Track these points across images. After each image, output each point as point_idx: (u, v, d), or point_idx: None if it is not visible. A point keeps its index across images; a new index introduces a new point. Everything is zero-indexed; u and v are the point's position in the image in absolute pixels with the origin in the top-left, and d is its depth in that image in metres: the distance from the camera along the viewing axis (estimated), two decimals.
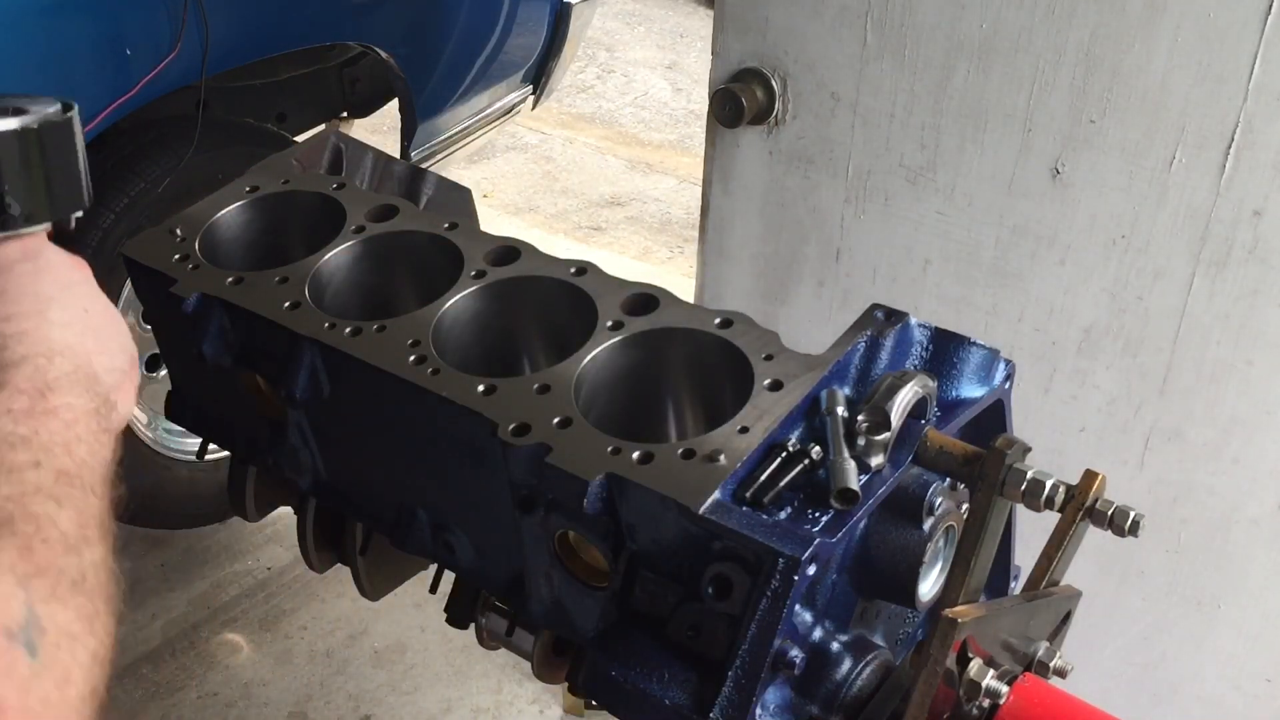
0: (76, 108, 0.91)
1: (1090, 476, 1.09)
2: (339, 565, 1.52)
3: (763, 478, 1.00)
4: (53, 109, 0.89)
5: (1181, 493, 1.75)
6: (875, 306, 1.16)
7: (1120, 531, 1.09)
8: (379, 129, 4.11)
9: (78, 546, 0.72)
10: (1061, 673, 1.15)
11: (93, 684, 0.68)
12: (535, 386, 1.12)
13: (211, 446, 1.58)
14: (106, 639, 0.70)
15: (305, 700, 2.68)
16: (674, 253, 4.71)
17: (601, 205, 5.03)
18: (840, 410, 1.04)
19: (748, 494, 0.99)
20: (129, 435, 2.63)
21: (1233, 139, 1.50)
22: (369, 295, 1.37)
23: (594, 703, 1.15)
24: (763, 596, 0.95)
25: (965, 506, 1.12)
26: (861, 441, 1.03)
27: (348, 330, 1.20)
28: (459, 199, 1.55)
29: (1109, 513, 1.08)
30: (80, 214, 0.92)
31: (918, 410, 1.07)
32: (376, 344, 1.18)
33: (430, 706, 2.68)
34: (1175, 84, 1.51)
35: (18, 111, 0.87)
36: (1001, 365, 1.21)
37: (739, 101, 1.81)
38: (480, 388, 1.12)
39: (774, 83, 1.82)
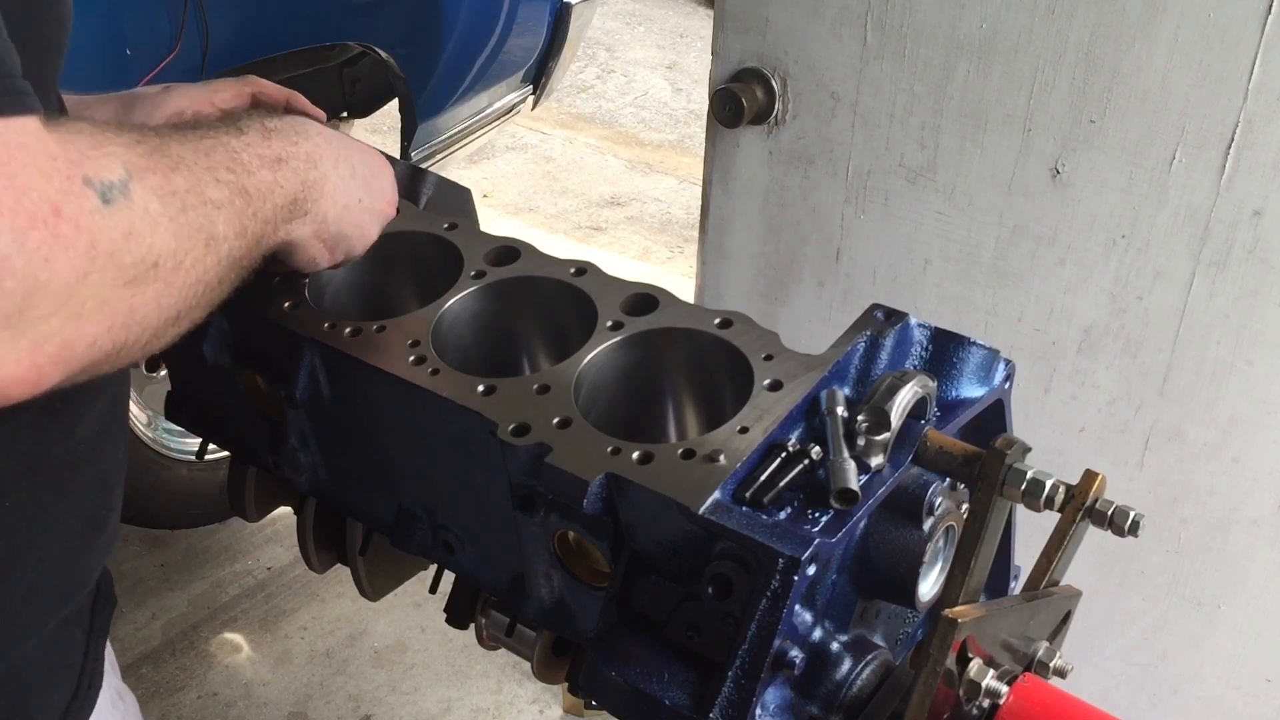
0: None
1: (1090, 476, 1.09)
2: (339, 565, 1.52)
3: (763, 478, 1.00)
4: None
5: (1181, 493, 1.75)
6: (875, 306, 1.15)
7: (1120, 531, 1.08)
8: (379, 129, 4.11)
9: (208, 201, 0.81)
10: (1061, 673, 1.15)
11: (174, 264, 0.76)
12: (535, 387, 1.12)
13: (211, 446, 1.58)
14: (200, 263, 0.79)
15: (305, 700, 2.68)
16: (674, 253, 4.71)
17: (601, 205, 5.04)
18: (840, 410, 1.04)
19: (748, 494, 0.99)
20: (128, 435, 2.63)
21: (1233, 139, 1.50)
22: (368, 295, 1.37)
23: (594, 703, 1.15)
24: (763, 597, 0.95)
25: (965, 506, 1.12)
26: (861, 441, 1.03)
27: (347, 331, 1.20)
28: (459, 199, 1.55)
29: (1109, 513, 1.08)
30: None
31: (918, 410, 1.07)
32: (376, 344, 1.18)
33: (430, 706, 2.68)
34: (1175, 84, 1.51)
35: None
36: (1001, 365, 1.21)
37: (739, 101, 1.81)
38: (480, 388, 1.12)
39: (774, 83, 1.82)
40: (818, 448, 1.02)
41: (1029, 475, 1.04)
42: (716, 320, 1.18)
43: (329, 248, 1.10)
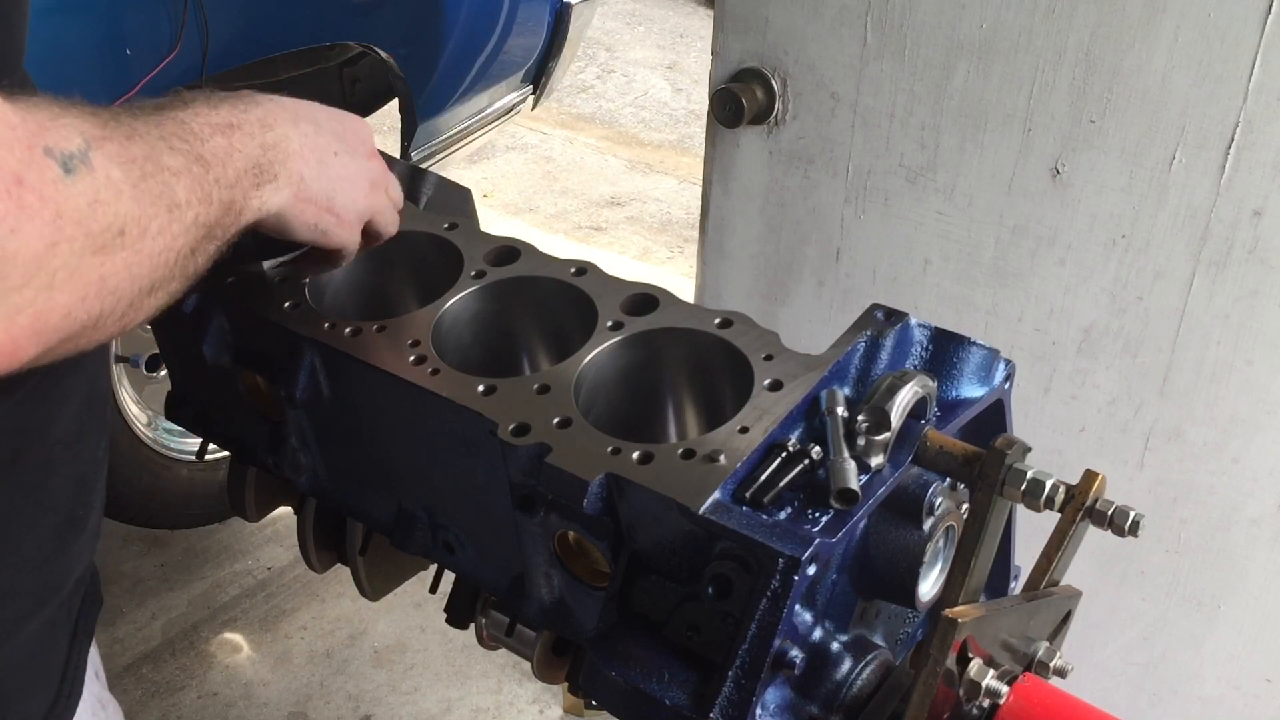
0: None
1: (1090, 476, 1.09)
2: (339, 565, 1.52)
3: (763, 478, 1.00)
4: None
5: (1181, 493, 1.75)
6: (875, 306, 1.15)
7: (1120, 531, 1.08)
8: (379, 129, 4.11)
9: (165, 169, 0.82)
10: (1061, 673, 1.15)
11: (139, 230, 0.77)
12: (535, 386, 1.12)
13: (211, 446, 1.58)
14: (167, 230, 0.80)
15: (305, 700, 2.68)
16: (674, 253, 4.71)
17: (601, 205, 5.04)
18: (840, 410, 1.04)
19: (748, 494, 0.99)
20: (128, 435, 2.64)
21: (1233, 139, 1.50)
22: (368, 295, 1.37)
23: (594, 703, 1.15)
24: (763, 597, 0.95)
25: (965, 506, 1.12)
26: (861, 441, 1.03)
27: (347, 331, 1.20)
28: (459, 199, 1.55)
29: (1109, 513, 1.08)
30: None
31: (918, 410, 1.07)
32: (376, 344, 1.18)
33: (430, 706, 2.68)
34: (1175, 84, 1.51)
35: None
36: (1001, 365, 1.21)
37: (739, 101, 1.81)
38: (480, 388, 1.12)
39: (774, 83, 1.82)
40: (818, 448, 1.02)
41: (1029, 475, 1.04)
42: (716, 320, 1.18)
43: (324, 208, 1.09)
